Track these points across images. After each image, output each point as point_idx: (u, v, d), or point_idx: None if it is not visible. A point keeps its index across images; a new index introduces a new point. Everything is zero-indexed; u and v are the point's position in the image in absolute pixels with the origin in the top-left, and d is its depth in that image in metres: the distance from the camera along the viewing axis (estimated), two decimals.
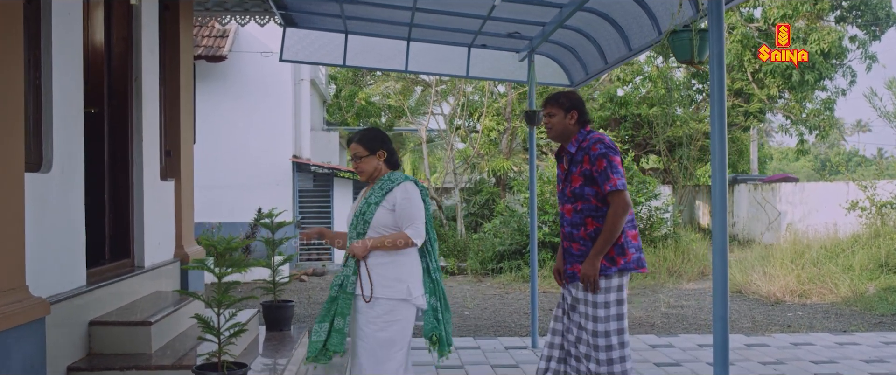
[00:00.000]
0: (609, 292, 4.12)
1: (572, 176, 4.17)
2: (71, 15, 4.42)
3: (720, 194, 3.46)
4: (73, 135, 4.43)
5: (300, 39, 7.72)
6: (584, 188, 4.12)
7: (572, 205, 4.18)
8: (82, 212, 4.50)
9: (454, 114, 19.16)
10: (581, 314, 4.20)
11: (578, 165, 4.14)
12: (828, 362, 6.63)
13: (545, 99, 4.36)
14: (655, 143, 20.84)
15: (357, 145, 4.07)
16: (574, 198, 4.16)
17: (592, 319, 4.13)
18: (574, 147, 4.19)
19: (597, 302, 4.12)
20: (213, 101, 14.65)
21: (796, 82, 18.06)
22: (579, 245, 4.18)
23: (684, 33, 3.46)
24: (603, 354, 4.10)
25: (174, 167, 6.48)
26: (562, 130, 4.25)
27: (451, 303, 10.62)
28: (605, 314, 4.12)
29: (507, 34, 6.99)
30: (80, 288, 4.39)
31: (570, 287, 4.29)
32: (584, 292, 4.15)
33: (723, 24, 3.43)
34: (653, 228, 14.24)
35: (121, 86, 5.59)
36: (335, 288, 3.98)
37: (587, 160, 4.09)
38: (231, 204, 14.60)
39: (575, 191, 4.15)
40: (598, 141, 4.11)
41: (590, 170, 4.08)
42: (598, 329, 4.11)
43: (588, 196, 4.12)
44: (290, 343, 6.11)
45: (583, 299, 4.18)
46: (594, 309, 4.12)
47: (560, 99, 4.26)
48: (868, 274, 11.40)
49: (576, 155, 4.18)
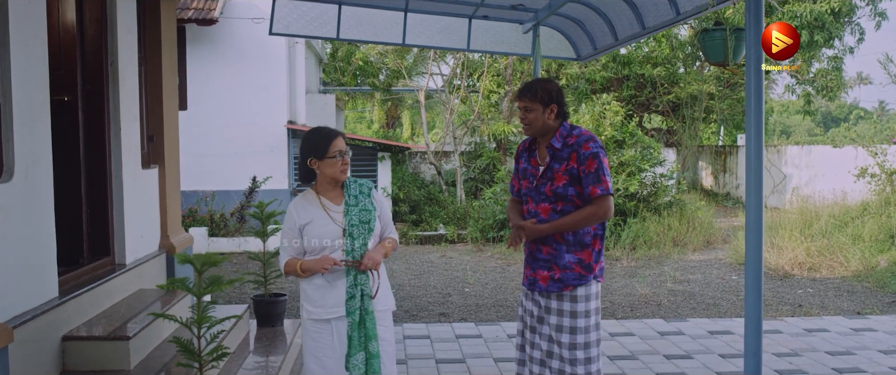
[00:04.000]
0: (588, 300, 3.82)
1: (555, 173, 3.81)
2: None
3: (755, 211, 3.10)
4: (38, 135, 4.04)
5: (292, 10, 7.27)
6: (568, 188, 3.77)
7: (551, 205, 3.83)
8: (52, 219, 4.13)
9: (453, 74, 18.67)
10: (553, 326, 3.84)
11: (564, 162, 3.79)
12: (845, 353, 6.36)
13: (519, 90, 3.93)
14: (658, 103, 20.40)
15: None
16: (554, 198, 3.81)
17: (569, 331, 3.79)
18: (559, 142, 3.83)
19: (576, 312, 3.79)
20: (204, 66, 14.19)
21: (805, 43, 17.53)
22: (551, 248, 3.84)
23: (717, 32, 3.06)
24: (581, 368, 3.78)
25: (158, 153, 6.10)
26: (541, 126, 3.86)
27: (451, 278, 10.38)
28: (585, 324, 3.80)
29: (511, 6, 6.56)
30: (51, 300, 4.05)
31: (537, 297, 3.92)
32: (558, 300, 3.81)
33: (762, 18, 3.01)
34: (657, 195, 13.88)
35: (95, 71, 5.18)
36: (355, 312, 3.56)
37: (575, 158, 3.75)
38: (225, 172, 14.27)
39: (557, 191, 3.80)
40: (590, 139, 3.78)
41: (577, 168, 3.75)
42: (577, 342, 3.78)
43: (571, 196, 3.78)
44: (284, 340, 5.83)
45: (557, 309, 3.83)
46: (572, 320, 3.79)
47: (538, 92, 3.83)
48: (878, 245, 11.11)
49: (561, 151, 3.81)
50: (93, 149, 5.17)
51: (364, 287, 3.57)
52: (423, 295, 9.07)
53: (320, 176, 3.64)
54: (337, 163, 3.59)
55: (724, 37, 3.03)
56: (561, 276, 3.81)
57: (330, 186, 3.67)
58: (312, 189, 3.71)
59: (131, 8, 5.59)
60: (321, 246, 3.55)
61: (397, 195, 16.14)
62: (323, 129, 3.68)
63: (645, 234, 12.69)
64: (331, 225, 3.58)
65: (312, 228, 3.56)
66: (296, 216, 3.61)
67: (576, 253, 3.82)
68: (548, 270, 3.84)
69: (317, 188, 3.70)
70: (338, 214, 3.62)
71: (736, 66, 3.14)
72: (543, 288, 3.86)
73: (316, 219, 3.58)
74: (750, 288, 3.15)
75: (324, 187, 3.67)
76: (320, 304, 3.59)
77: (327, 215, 3.60)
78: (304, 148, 3.64)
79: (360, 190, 3.71)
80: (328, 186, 3.67)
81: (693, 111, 20.50)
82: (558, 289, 3.82)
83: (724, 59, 3.05)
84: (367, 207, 3.67)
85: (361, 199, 3.68)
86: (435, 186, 18.14)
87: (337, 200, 3.66)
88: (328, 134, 3.64)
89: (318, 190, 3.69)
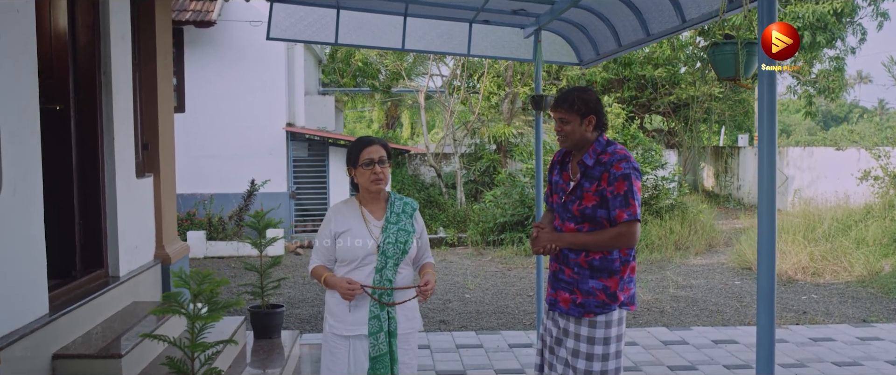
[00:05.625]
0: (609, 327, 3.54)
1: (585, 192, 3.54)
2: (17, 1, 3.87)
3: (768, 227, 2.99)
4: (28, 147, 3.92)
5: (289, 15, 7.15)
6: (598, 210, 3.51)
7: (577, 226, 3.57)
8: (42, 235, 4.02)
9: (453, 75, 18.54)
10: (570, 350, 3.59)
11: (595, 182, 3.51)
12: (852, 364, 6.25)
13: (556, 99, 3.66)
14: (659, 104, 20.29)
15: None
16: (581, 219, 3.55)
17: (585, 357, 3.53)
18: (591, 159, 3.57)
19: (594, 338, 3.53)
20: (202, 68, 14.08)
21: (807, 43, 17.42)
22: (573, 271, 3.58)
23: (727, 46, 2.93)
24: None
25: (153, 161, 5.99)
26: (578, 139, 3.61)
27: (452, 283, 10.27)
28: (603, 351, 3.53)
29: (513, 11, 6.44)
30: (41, 318, 3.94)
31: (556, 317, 3.70)
32: (576, 324, 3.57)
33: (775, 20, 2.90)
34: (659, 199, 13.78)
35: (88, 78, 5.06)
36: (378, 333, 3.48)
37: (606, 178, 3.47)
38: (223, 175, 14.17)
39: (585, 212, 3.54)
40: (624, 158, 3.49)
41: (606, 190, 3.48)
42: (593, 369, 3.52)
43: (600, 219, 3.51)
44: (281, 352, 5.72)
45: (574, 333, 3.57)
46: (589, 346, 3.53)
47: (575, 103, 3.57)
48: (882, 249, 11.00)
49: (592, 169, 3.55)
50: (85, 158, 5.05)
51: (390, 309, 3.51)
52: (424, 302, 8.95)
53: (362, 186, 3.58)
54: (367, 173, 3.50)
55: (734, 51, 2.90)
56: (583, 301, 3.57)
57: (370, 197, 3.59)
58: (356, 198, 3.63)
59: (125, 14, 5.47)
60: (353, 257, 3.48)
61: None
62: (361, 137, 3.62)
63: (647, 238, 12.60)
64: (367, 239, 3.49)
65: (347, 238, 3.49)
66: (333, 222, 3.53)
67: (601, 280, 3.54)
68: (569, 293, 3.61)
69: (360, 198, 3.62)
70: (376, 228, 3.54)
71: (749, 81, 3.00)
72: (564, 310, 3.63)
73: (353, 230, 3.50)
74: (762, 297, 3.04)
75: (365, 197, 3.60)
76: (341, 320, 3.52)
77: (366, 227, 3.51)
78: (346, 159, 3.62)
79: (404, 208, 3.62)
80: (368, 197, 3.59)
81: (694, 112, 20.39)
82: (578, 314, 3.57)
83: (736, 74, 2.92)
84: (407, 228, 3.57)
85: (403, 219, 3.58)
86: (435, 188, 18.02)
87: (378, 213, 3.58)
88: (361, 141, 3.58)
89: (361, 201, 3.61)
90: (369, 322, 3.48)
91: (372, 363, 3.47)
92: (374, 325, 3.47)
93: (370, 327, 3.47)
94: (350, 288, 3.41)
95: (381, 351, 3.48)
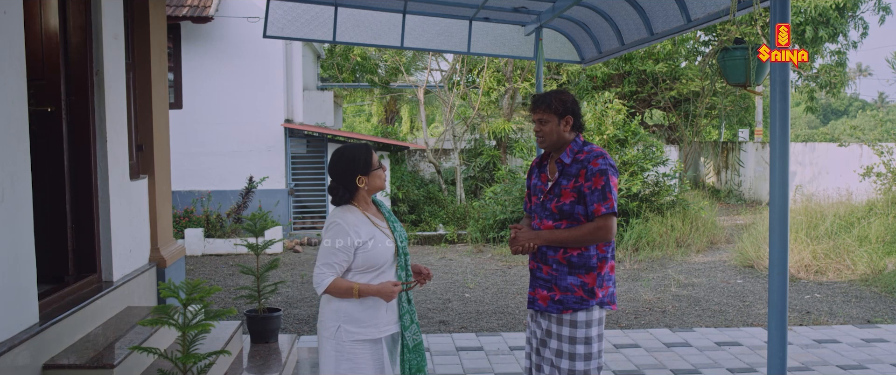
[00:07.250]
0: (589, 326, 3.63)
1: (563, 190, 3.63)
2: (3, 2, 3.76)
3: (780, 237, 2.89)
4: (17, 153, 3.82)
5: (286, 12, 7.05)
6: (575, 206, 3.60)
7: (555, 223, 3.65)
8: (31, 242, 3.92)
9: (453, 70, 18.42)
10: (553, 351, 3.69)
11: (572, 179, 3.61)
12: (857, 367, 6.17)
13: (533, 101, 3.75)
14: (660, 99, 20.17)
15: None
16: (559, 215, 3.63)
17: (569, 357, 3.63)
18: (569, 157, 3.66)
19: (575, 338, 3.62)
20: (199, 64, 13.95)
21: (809, 38, 17.30)
22: (551, 268, 3.67)
23: (738, 51, 2.85)
24: None
25: (147, 162, 5.89)
26: (556, 139, 3.70)
27: (451, 281, 10.17)
28: (584, 351, 3.62)
29: (513, 8, 6.34)
30: (31, 327, 3.84)
31: (539, 318, 3.77)
32: (557, 325, 3.65)
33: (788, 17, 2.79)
34: (660, 195, 13.66)
35: (80, 80, 4.96)
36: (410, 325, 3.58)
37: (584, 175, 3.58)
38: (221, 172, 14.05)
39: (563, 209, 3.62)
40: (600, 155, 3.60)
41: (583, 186, 3.56)
42: (576, 369, 3.61)
43: (577, 215, 3.60)
44: (278, 357, 5.63)
45: (556, 333, 3.67)
46: (571, 346, 3.62)
47: (552, 103, 3.67)
48: (885, 246, 10.90)
49: (570, 167, 3.65)
50: (78, 161, 4.95)
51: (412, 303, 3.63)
52: (423, 301, 8.87)
53: (361, 192, 3.53)
54: (381, 173, 3.56)
55: (745, 56, 2.85)
56: (561, 298, 3.65)
57: (367, 201, 3.59)
58: (354, 205, 3.56)
59: (118, 13, 5.36)
60: (383, 260, 3.47)
61: (396, 194, 15.92)
62: (357, 146, 3.58)
63: (648, 235, 12.49)
64: (387, 242, 3.51)
65: (373, 246, 3.45)
66: (353, 235, 3.43)
67: (579, 276, 3.64)
68: (547, 290, 3.69)
69: (358, 205, 3.56)
70: (386, 229, 3.57)
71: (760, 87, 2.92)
72: (543, 308, 3.71)
73: (376, 237, 3.47)
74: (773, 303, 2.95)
75: (364, 203, 3.57)
76: (370, 324, 3.48)
77: (382, 232, 3.52)
78: (346, 168, 3.50)
79: (382, 205, 3.70)
80: (366, 201, 3.58)
81: (695, 107, 20.28)
82: (557, 311, 3.66)
83: (746, 79, 2.83)
84: (397, 221, 3.68)
85: (392, 214, 3.67)
86: (434, 185, 17.90)
87: (378, 216, 3.61)
88: (367, 147, 3.58)
89: (360, 208, 3.56)
90: (402, 318, 3.56)
91: (411, 353, 3.53)
92: (406, 318, 3.56)
93: (403, 321, 3.56)
94: (396, 289, 3.44)
95: (417, 340, 3.58)
